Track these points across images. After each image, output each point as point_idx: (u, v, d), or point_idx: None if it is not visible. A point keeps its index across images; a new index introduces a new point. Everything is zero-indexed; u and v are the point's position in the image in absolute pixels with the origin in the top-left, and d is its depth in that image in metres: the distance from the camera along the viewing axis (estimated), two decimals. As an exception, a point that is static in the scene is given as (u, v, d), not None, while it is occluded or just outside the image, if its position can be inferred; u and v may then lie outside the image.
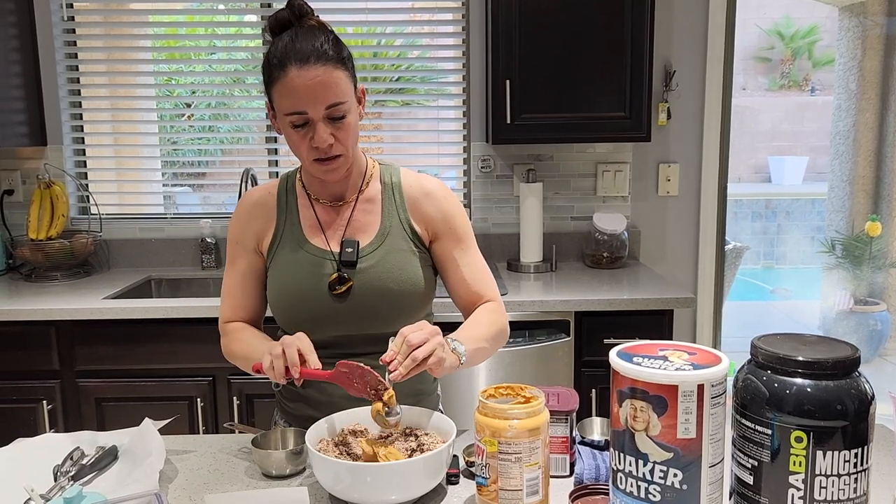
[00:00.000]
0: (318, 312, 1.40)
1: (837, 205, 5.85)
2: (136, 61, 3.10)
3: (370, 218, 1.45)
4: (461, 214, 1.49)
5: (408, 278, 1.42)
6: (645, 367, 0.96)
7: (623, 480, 0.99)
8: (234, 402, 2.43)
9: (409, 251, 1.44)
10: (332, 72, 1.30)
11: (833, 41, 6.53)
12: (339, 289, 1.39)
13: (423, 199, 1.46)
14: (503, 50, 2.62)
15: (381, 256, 1.42)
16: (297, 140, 1.33)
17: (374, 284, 1.40)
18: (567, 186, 3.05)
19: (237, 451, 1.38)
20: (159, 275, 2.93)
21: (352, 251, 1.41)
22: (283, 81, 1.29)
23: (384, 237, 1.43)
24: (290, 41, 1.30)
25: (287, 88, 1.29)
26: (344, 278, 1.39)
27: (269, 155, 3.12)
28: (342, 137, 1.33)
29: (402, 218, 1.45)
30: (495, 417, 1.08)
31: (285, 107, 1.30)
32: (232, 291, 1.51)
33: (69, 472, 1.21)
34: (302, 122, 1.31)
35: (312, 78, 1.28)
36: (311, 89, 1.28)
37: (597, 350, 2.41)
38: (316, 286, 1.40)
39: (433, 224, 1.46)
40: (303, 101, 1.29)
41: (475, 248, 1.51)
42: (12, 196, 2.99)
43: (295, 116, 1.30)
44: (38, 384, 2.42)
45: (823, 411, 0.92)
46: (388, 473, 1.11)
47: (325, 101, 1.29)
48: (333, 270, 1.40)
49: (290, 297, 1.42)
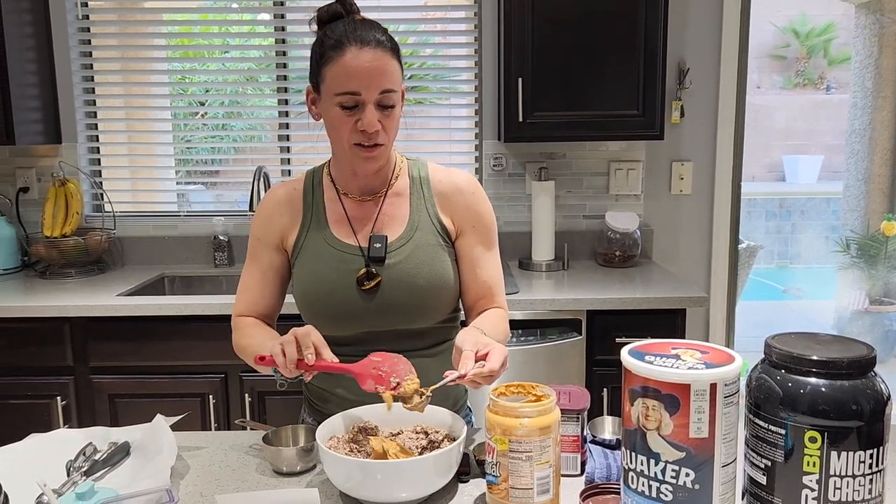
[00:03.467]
0: (346, 308, 1.39)
1: (853, 204, 5.80)
2: (150, 59, 3.12)
3: (399, 213, 1.44)
4: (489, 213, 1.49)
5: (437, 274, 1.41)
6: (657, 366, 0.95)
7: (635, 480, 0.99)
8: (246, 399, 2.44)
9: (438, 246, 1.43)
10: (389, 59, 1.31)
11: (849, 39, 6.47)
12: (368, 284, 1.38)
13: (453, 194, 1.46)
14: (516, 47, 2.61)
15: (409, 251, 1.41)
16: (342, 123, 1.32)
17: (402, 280, 1.39)
18: (579, 185, 3.03)
19: (248, 447, 1.39)
20: (172, 272, 2.95)
21: (380, 246, 1.40)
22: (340, 61, 1.28)
23: (413, 232, 1.42)
24: (348, 26, 1.31)
25: (343, 67, 1.28)
26: (372, 274, 1.38)
27: (281, 153, 3.14)
28: (388, 126, 1.33)
29: (430, 213, 1.44)
30: (506, 415, 1.08)
31: (338, 86, 1.29)
32: (249, 287, 1.50)
33: (81, 468, 1.22)
34: (352, 104, 1.30)
35: (370, 60, 1.28)
36: (368, 72, 1.28)
37: (609, 349, 2.40)
38: (344, 282, 1.39)
39: (460, 219, 1.45)
40: (358, 82, 1.28)
41: (496, 249, 1.50)
42: (27, 193, 3.01)
43: (347, 97, 1.29)
44: (52, 380, 2.44)
45: (838, 411, 0.91)
46: (399, 471, 1.11)
47: (380, 85, 1.29)
48: (361, 266, 1.39)
49: (317, 293, 1.41)
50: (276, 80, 3.08)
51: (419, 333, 1.41)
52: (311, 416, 1.53)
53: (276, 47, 3.05)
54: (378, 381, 1.23)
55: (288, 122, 3.10)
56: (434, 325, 1.44)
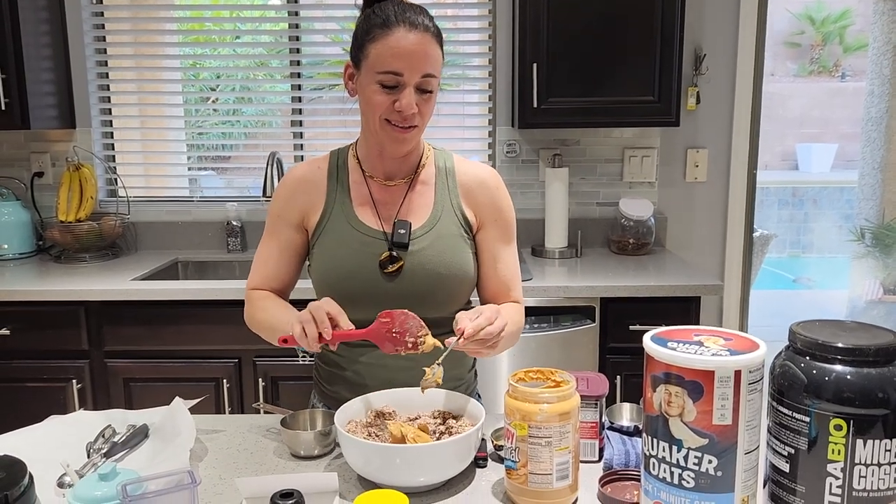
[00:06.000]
0: (367, 291, 1.39)
1: (868, 192, 5.74)
2: (163, 44, 3.11)
3: (423, 200, 1.44)
4: (509, 208, 1.49)
5: (457, 264, 1.41)
6: (680, 353, 0.94)
7: (656, 466, 0.98)
8: (260, 383, 2.44)
9: (460, 237, 1.43)
10: (433, 45, 1.32)
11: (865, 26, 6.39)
12: (391, 268, 1.38)
13: (477, 188, 1.46)
14: (530, 33, 2.59)
15: (432, 240, 1.41)
16: (379, 101, 1.32)
17: (424, 267, 1.39)
18: (593, 172, 3.02)
19: (266, 431, 1.39)
20: (186, 257, 2.96)
21: (404, 232, 1.40)
22: (387, 39, 1.29)
23: (436, 221, 1.43)
24: (397, 8, 1.32)
25: (389, 46, 1.29)
26: (395, 258, 1.39)
27: (294, 139, 3.13)
28: (424, 111, 1.34)
29: (454, 203, 1.45)
30: (526, 401, 1.08)
31: (381, 64, 1.30)
32: (266, 261, 1.49)
33: (102, 450, 1.22)
34: (393, 84, 1.30)
35: (417, 43, 1.29)
36: (414, 53, 1.29)
37: (622, 336, 2.38)
38: (366, 264, 1.39)
39: (483, 212, 1.46)
40: (402, 63, 1.29)
41: (514, 245, 1.51)
42: (42, 178, 3.02)
43: (389, 76, 1.30)
44: (67, 363, 2.45)
45: (864, 399, 0.90)
46: (418, 455, 1.11)
47: (423, 68, 1.30)
48: (384, 250, 1.39)
49: (338, 274, 1.40)
50: (290, 66, 3.07)
51: (435, 323, 1.41)
52: (321, 402, 1.53)
53: (290, 32, 3.04)
54: (395, 342, 1.23)
55: (301, 108, 3.09)
56: (449, 315, 1.44)
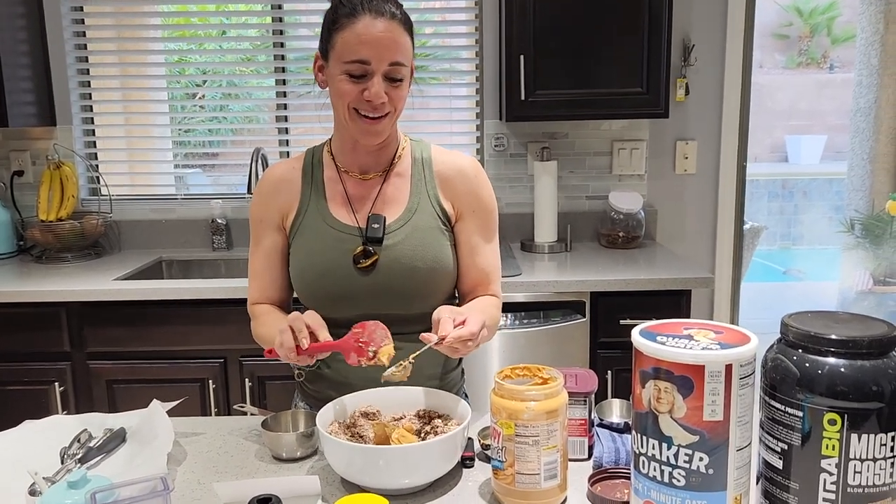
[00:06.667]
0: (342, 289, 1.36)
1: (857, 183, 5.74)
2: (146, 39, 3.06)
3: (399, 193, 1.41)
4: (490, 198, 1.45)
5: (435, 257, 1.38)
6: (670, 347, 0.91)
7: (646, 464, 0.95)
8: (246, 383, 2.41)
9: (437, 229, 1.40)
10: (401, 32, 1.29)
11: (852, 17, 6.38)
12: (364, 262, 1.35)
13: (455, 177, 1.43)
14: (517, 24, 2.56)
15: (408, 233, 1.38)
16: (347, 90, 1.29)
17: (400, 262, 1.36)
18: (582, 165, 2.99)
19: (248, 433, 1.35)
20: (170, 256, 2.91)
21: (378, 227, 1.37)
22: (353, 28, 1.26)
23: (412, 213, 1.39)
24: None
25: (355, 35, 1.26)
26: (369, 252, 1.36)
27: (279, 134, 3.09)
28: (394, 98, 1.31)
29: (430, 195, 1.41)
30: (512, 399, 1.05)
31: (347, 54, 1.27)
32: (258, 272, 1.47)
33: (76, 455, 1.19)
34: (360, 73, 1.27)
35: (383, 30, 1.26)
36: (380, 41, 1.26)
37: (613, 331, 2.36)
38: (340, 261, 1.36)
39: (461, 203, 1.42)
40: (368, 50, 1.26)
41: (496, 236, 1.47)
42: (22, 177, 2.97)
43: (356, 65, 1.27)
44: (48, 366, 2.41)
45: (858, 392, 0.87)
46: (402, 457, 1.07)
47: (391, 56, 1.27)
48: (359, 246, 1.36)
49: (312, 273, 1.38)
50: (274, 61, 3.02)
51: (417, 318, 1.38)
52: (303, 401, 1.50)
53: (273, 26, 2.99)
54: (359, 353, 1.20)
55: (286, 104, 3.05)
56: (430, 311, 1.41)
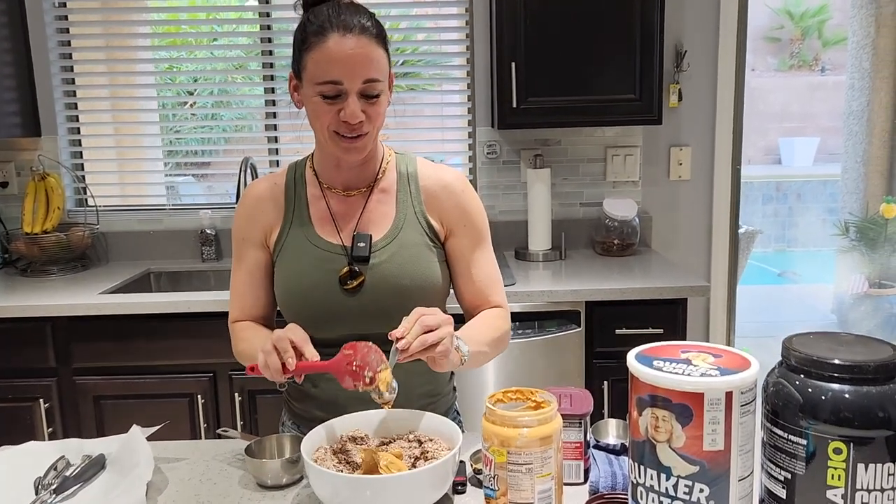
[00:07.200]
0: (328, 310, 1.32)
1: (851, 186, 5.74)
2: (135, 48, 3.01)
3: (384, 209, 1.37)
4: (479, 211, 1.41)
5: (423, 274, 1.34)
6: (667, 373, 0.88)
7: (644, 495, 0.92)
8: (237, 398, 2.36)
9: (425, 245, 1.36)
10: (373, 47, 1.23)
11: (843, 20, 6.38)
12: (351, 283, 1.31)
13: (441, 193, 1.38)
14: (507, 31, 2.52)
15: (394, 250, 1.34)
16: (323, 113, 1.24)
17: (387, 281, 1.32)
18: (576, 172, 2.95)
19: (232, 457, 1.31)
20: (159, 268, 2.86)
21: (364, 245, 1.32)
22: (322, 48, 1.21)
23: (398, 230, 1.35)
24: (332, 11, 1.23)
25: (324, 55, 1.21)
26: (356, 273, 1.32)
27: (269, 143, 3.04)
28: (372, 115, 1.26)
29: (417, 211, 1.37)
30: (504, 425, 1.01)
31: (319, 75, 1.22)
32: (239, 291, 1.43)
33: (51, 485, 1.14)
34: (334, 94, 1.22)
35: (353, 48, 1.21)
36: (351, 59, 1.21)
37: (609, 341, 2.32)
38: (325, 282, 1.32)
39: (449, 219, 1.38)
40: (340, 70, 1.21)
41: (490, 248, 1.43)
42: (6, 189, 2.92)
43: (328, 86, 1.22)
44: (34, 382, 2.36)
45: (864, 419, 0.84)
46: (391, 486, 1.03)
47: (364, 74, 1.22)
48: (344, 265, 1.32)
49: (298, 294, 1.34)
50: (263, 69, 2.98)
51: None
52: (290, 419, 1.46)
53: (262, 34, 2.95)
54: (354, 377, 1.15)
55: (275, 112, 3.01)
56: None
